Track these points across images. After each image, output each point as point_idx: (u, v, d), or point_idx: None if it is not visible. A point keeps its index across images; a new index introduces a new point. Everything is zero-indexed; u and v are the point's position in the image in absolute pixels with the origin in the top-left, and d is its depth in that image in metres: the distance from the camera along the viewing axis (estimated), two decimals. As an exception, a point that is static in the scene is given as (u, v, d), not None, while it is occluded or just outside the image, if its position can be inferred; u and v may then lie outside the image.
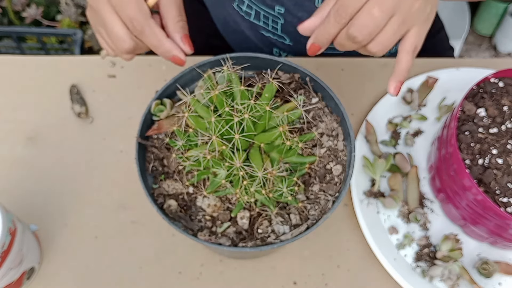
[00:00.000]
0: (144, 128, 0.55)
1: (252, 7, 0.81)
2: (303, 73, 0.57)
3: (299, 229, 0.51)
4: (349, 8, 0.47)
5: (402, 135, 0.74)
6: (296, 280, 0.66)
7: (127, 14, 0.50)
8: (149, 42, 0.52)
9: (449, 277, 0.63)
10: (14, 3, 1.52)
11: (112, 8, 0.50)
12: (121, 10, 0.50)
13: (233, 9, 0.84)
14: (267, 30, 0.84)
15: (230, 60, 0.53)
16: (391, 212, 0.68)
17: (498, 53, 1.83)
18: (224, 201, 0.54)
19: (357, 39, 0.48)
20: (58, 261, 0.66)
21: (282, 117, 0.48)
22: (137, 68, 0.79)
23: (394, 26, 0.48)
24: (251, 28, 0.85)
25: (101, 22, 0.52)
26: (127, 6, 0.50)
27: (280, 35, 0.83)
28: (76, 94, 0.76)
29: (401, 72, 0.51)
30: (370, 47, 0.49)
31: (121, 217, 0.69)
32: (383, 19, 0.47)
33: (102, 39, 0.55)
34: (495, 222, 0.59)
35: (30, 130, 0.74)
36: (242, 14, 0.83)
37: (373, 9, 0.46)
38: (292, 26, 0.80)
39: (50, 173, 0.71)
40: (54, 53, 1.50)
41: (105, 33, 0.53)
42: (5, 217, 0.54)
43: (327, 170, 0.55)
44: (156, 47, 0.53)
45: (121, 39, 0.51)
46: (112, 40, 0.52)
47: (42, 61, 0.80)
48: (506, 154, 0.60)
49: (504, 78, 0.66)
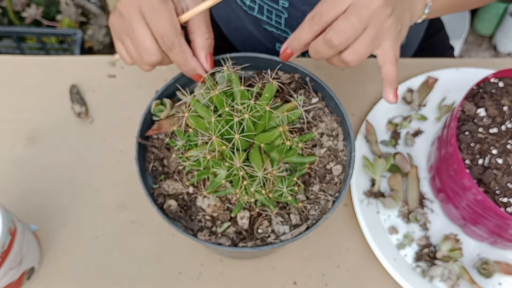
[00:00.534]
0: (144, 128, 0.55)
1: (255, 1, 0.81)
2: (303, 73, 0.57)
3: (299, 229, 0.51)
4: (324, 17, 0.49)
5: (402, 135, 0.74)
6: (296, 280, 0.66)
7: (159, 30, 0.50)
8: (176, 59, 0.52)
9: (449, 277, 0.63)
10: (14, 3, 1.52)
11: (145, 21, 0.50)
12: (154, 24, 0.50)
13: (236, 3, 0.84)
14: (271, 24, 0.84)
15: (230, 60, 0.53)
16: (391, 212, 0.68)
17: (498, 53, 1.83)
18: (224, 201, 0.54)
19: (333, 43, 0.49)
20: (58, 261, 0.66)
21: (282, 117, 0.48)
22: (137, 68, 0.78)
23: (369, 37, 0.49)
24: (254, 23, 0.85)
25: (129, 31, 0.52)
26: (160, 21, 0.50)
27: (284, 30, 0.83)
28: (76, 94, 0.76)
29: (393, 81, 0.52)
30: (345, 55, 0.50)
31: (121, 217, 0.69)
32: (360, 27, 0.48)
33: (123, 47, 0.54)
34: (495, 222, 0.59)
35: (30, 130, 0.74)
36: (245, 8, 0.83)
37: (351, 16, 0.48)
38: (296, 20, 0.80)
39: (50, 173, 0.71)
40: (54, 53, 1.50)
41: (130, 42, 0.53)
42: (5, 217, 0.54)
43: (327, 170, 0.55)
44: (181, 65, 0.53)
45: (150, 53, 0.51)
46: (139, 52, 0.52)
47: (42, 61, 0.80)
48: (506, 154, 0.60)
49: (504, 78, 0.66)
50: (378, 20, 0.49)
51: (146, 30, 0.51)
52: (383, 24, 0.50)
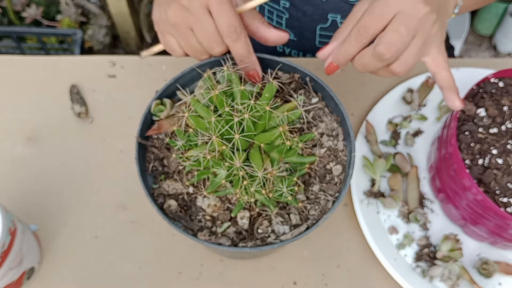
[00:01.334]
0: (144, 128, 0.55)
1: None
2: (303, 73, 0.57)
3: (299, 229, 0.51)
4: (371, 29, 0.48)
5: (402, 135, 0.74)
6: (296, 280, 0.66)
7: (226, 20, 0.51)
8: (239, 50, 0.52)
9: (449, 277, 0.63)
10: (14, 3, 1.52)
11: (209, 13, 0.51)
12: (221, 15, 0.51)
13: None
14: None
15: (230, 60, 0.53)
16: (391, 212, 0.68)
17: (498, 53, 1.83)
18: (224, 201, 0.54)
19: (384, 57, 0.48)
20: (58, 261, 0.66)
21: (282, 117, 0.48)
22: (137, 68, 0.79)
23: (418, 46, 0.49)
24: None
25: (195, 24, 0.52)
26: (228, 12, 0.50)
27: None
28: (76, 94, 0.76)
29: (453, 87, 0.52)
30: (394, 66, 0.50)
31: (121, 217, 0.69)
32: (408, 38, 0.48)
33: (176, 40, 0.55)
34: (495, 222, 0.59)
35: (30, 130, 0.74)
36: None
37: (399, 28, 0.47)
38: (297, 20, 0.80)
39: (50, 173, 0.71)
40: (54, 53, 1.50)
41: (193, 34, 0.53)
42: (5, 217, 0.54)
43: (327, 170, 0.55)
44: (243, 56, 0.53)
45: (217, 42, 0.52)
46: (207, 42, 0.52)
47: (42, 61, 0.80)
48: (506, 154, 0.60)
49: (504, 78, 0.66)
50: (425, 28, 0.48)
51: (213, 22, 0.51)
52: (430, 31, 0.49)
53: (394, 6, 0.47)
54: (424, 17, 0.48)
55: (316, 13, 0.78)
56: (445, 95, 0.54)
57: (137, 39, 1.70)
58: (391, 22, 0.48)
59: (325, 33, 0.81)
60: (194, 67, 0.56)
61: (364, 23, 0.48)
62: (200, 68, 0.56)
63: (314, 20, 0.79)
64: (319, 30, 0.81)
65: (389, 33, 0.48)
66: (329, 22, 0.79)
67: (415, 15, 0.47)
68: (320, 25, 0.79)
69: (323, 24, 0.79)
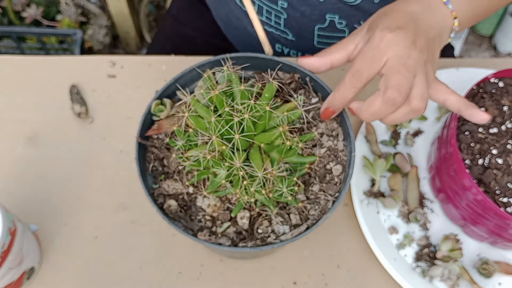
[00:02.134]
0: (144, 128, 0.55)
1: (254, 1, 0.81)
2: (303, 73, 0.57)
3: (299, 229, 0.51)
4: (365, 74, 0.49)
5: (402, 135, 0.74)
6: (296, 280, 0.66)
7: None
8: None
9: (449, 277, 0.63)
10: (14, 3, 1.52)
11: None
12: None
13: (236, 4, 0.84)
14: (270, 25, 0.84)
15: (230, 60, 0.53)
16: (391, 212, 0.68)
17: (498, 53, 1.83)
18: (224, 201, 0.54)
19: (396, 100, 0.49)
20: (58, 261, 0.66)
21: (282, 117, 0.48)
22: (137, 68, 0.79)
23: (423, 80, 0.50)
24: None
25: None
26: None
27: (283, 30, 0.83)
28: (76, 94, 0.76)
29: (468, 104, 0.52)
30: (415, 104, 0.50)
31: (121, 217, 0.69)
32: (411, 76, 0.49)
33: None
34: (495, 222, 0.59)
35: (30, 130, 0.74)
36: (245, 9, 0.83)
37: (400, 69, 0.48)
38: (295, 20, 0.80)
39: (50, 173, 0.71)
40: (54, 53, 1.50)
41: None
42: (5, 217, 0.54)
43: (327, 170, 0.55)
44: None
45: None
46: None
47: (42, 61, 0.80)
48: (506, 154, 0.60)
49: (504, 78, 0.66)
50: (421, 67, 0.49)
51: None
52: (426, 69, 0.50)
53: (386, 51, 0.48)
54: (416, 58, 0.49)
55: (314, 14, 0.78)
56: (466, 114, 0.53)
57: (137, 39, 1.70)
58: (389, 66, 0.48)
59: (324, 33, 0.81)
60: (194, 67, 0.56)
61: (357, 67, 0.49)
62: (200, 68, 0.57)
63: (312, 20, 0.79)
64: (317, 31, 0.81)
65: (394, 76, 0.48)
66: (327, 23, 0.79)
67: (409, 56, 0.48)
68: (318, 25, 0.79)
69: (321, 24, 0.79)
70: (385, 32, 0.49)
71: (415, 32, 0.49)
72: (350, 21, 0.78)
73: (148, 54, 0.97)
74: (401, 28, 0.49)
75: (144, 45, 1.76)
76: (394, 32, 0.48)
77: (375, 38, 0.49)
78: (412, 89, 0.49)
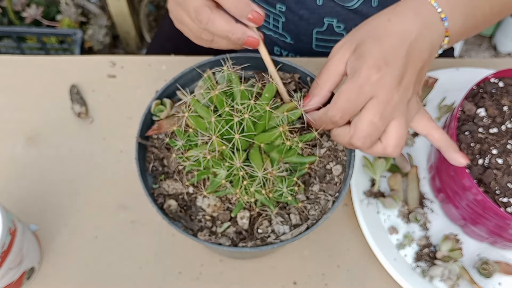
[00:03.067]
0: (144, 128, 0.55)
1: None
2: (303, 73, 0.57)
3: (299, 229, 0.51)
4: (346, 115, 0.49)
5: (402, 135, 0.73)
6: (296, 280, 0.66)
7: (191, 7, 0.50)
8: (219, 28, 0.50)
9: (449, 277, 0.63)
10: (14, 3, 1.52)
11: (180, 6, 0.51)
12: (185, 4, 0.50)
13: None
14: (268, 28, 0.84)
15: (230, 60, 0.53)
16: (391, 212, 0.68)
17: (498, 53, 1.83)
18: (224, 201, 0.54)
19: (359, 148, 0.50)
20: (58, 261, 0.66)
21: (282, 117, 0.48)
22: (137, 68, 0.79)
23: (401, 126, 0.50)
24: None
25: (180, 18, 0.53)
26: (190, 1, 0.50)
27: (281, 34, 0.83)
28: (76, 94, 0.76)
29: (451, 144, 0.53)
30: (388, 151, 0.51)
31: (121, 217, 0.69)
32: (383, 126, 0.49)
33: None
34: (495, 222, 0.59)
35: (30, 130, 0.74)
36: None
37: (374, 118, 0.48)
38: (294, 24, 0.80)
39: (50, 173, 0.71)
40: (54, 53, 1.50)
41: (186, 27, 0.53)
42: (5, 217, 0.54)
43: (327, 170, 0.55)
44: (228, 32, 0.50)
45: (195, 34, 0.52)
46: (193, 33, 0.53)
47: (42, 61, 0.80)
48: (506, 154, 0.60)
49: (504, 78, 0.66)
50: (401, 109, 0.49)
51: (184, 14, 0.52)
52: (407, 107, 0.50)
53: (369, 93, 0.48)
54: (398, 100, 0.48)
55: (312, 17, 0.78)
56: (446, 155, 0.54)
57: (137, 39, 1.70)
58: (367, 108, 0.48)
59: (322, 36, 0.81)
60: (194, 67, 0.56)
61: (339, 107, 0.49)
62: (200, 68, 0.57)
63: (311, 24, 0.79)
64: (315, 34, 0.81)
65: (365, 124, 0.48)
66: (325, 26, 0.79)
67: (390, 101, 0.48)
68: (317, 29, 0.79)
69: (319, 28, 0.79)
70: (372, 72, 0.47)
71: (404, 67, 0.48)
72: (348, 25, 0.78)
73: (148, 54, 0.97)
74: (389, 65, 0.48)
75: (144, 45, 1.76)
76: (381, 73, 0.47)
77: (361, 76, 0.48)
78: (388, 136, 0.50)
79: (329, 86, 0.52)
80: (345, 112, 0.49)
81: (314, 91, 0.53)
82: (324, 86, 0.52)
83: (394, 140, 0.50)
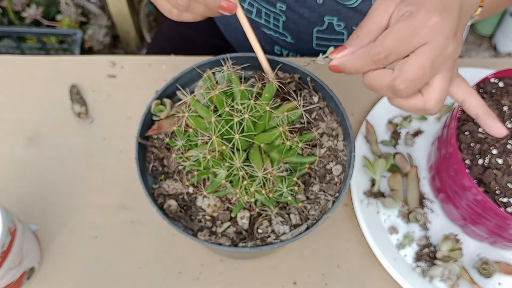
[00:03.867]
0: (144, 128, 0.55)
1: (253, 4, 0.81)
2: (303, 73, 0.57)
3: (299, 229, 0.51)
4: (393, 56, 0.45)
5: (402, 135, 0.74)
6: (296, 280, 0.66)
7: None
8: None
9: (449, 277, 0.63)
10: (14, 3, 1.52)
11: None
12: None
13: None
14: (269, 27, 0.84)
15: (230, 60, 0.53)
16: (391, 212, 0.68)
17: (498, 53, 1.83)
18: (224, 201, 0.54)
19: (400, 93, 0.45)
20: (58, 261, 0.66)
21: (282, 117, 0.48)
22: (137, 68, 0.79)
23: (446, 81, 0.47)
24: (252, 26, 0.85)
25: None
26: None
27: (282, 33, 0.83)
28: (76, 94, 0.76)
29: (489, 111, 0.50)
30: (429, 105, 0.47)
31: (121, 217, 0.69)
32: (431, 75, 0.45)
33: None
34: (495, 222, 0.59)
35: (30, 130, 0.74)
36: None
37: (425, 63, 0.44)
38: (294, 23, 0.80)
39: (50, 173, 0.71)
40: (54, 53, 1.50)
41: None
42: (5, 217, 0.54)
43: (327, 170, 0.55)
44: None
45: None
46: None
47: (42, 61, 0.80)
48: (506, 154, 0.60)
49: (504, 78, 0.66)
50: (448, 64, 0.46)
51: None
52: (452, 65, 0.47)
53: (425, 37, 0.44)
54: (450, 53, 0.45)
55: (312, 16, 0.78)
56: (484, 124, 0.51)
57: (137, 39, 1.70)
58: (418, 53, 0.44)
59: (322, 35, 0.81)
60: (194, 67, 0.57)
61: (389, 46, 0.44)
62: (200, 68, 0.57)
63: (311, 22, 0.79)
64: (316, 33, 0.81)
65: (413, 69, 0.44)
66: (326, 25, 0.79)
67: (443, 51, 0.44)
68: (317, 27, 0.79)
69: (319, 26, 0.79)
70: (433, 16, 0.43)
71: (459, 19, 0.45)
72: (349, 23, 0.78)
73: (148, 54, 0.97)
74: (448, 11, 0.44)
75: (144, 45, 1.76)
76: (441, 17, 0.43)
77: (418, 18, 0.43)
78: (431, 89, 0.46)
79: (369, 40, 0.47)
80: (392, 52, 0.44)
81: (352, 42, 0.47)
82: (364, 39, 0.47)
83: (438, 94, 0.46)
